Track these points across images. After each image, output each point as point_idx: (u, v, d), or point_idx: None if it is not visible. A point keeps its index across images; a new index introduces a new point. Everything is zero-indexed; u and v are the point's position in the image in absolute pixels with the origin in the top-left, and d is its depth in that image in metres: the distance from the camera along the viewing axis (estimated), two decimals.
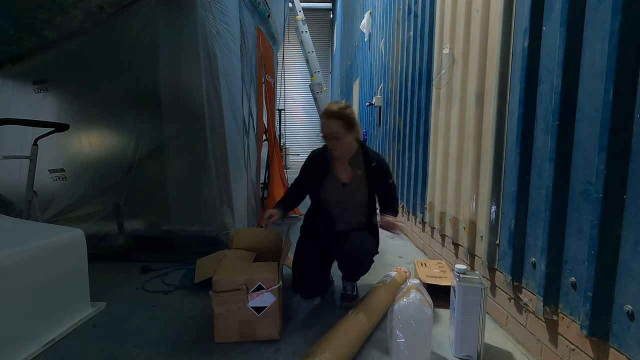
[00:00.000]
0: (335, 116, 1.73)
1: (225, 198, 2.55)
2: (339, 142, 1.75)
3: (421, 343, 1.29)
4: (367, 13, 5.27)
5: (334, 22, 12.27)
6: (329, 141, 1.77)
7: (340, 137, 1.73)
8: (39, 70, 2.69)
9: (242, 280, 1.46)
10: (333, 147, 1.77)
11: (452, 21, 2.25)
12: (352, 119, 1.76)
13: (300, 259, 1.80)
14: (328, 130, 1.74)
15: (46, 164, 2.63)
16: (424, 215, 2.74)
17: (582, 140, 1.18)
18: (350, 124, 1.75)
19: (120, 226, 2.61)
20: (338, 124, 1.72)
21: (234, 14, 2.64)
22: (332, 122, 1.73)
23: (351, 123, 1.75)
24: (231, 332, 1.48)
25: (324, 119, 1.77)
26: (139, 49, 2.48)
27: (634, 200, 1.00)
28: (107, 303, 1.82)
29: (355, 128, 1.78)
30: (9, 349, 1.34)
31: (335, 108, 1.76)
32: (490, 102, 1.74)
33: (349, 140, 1.77)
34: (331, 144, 1.77)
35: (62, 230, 1.71)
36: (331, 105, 1.79)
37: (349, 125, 1.74)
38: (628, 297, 1.01)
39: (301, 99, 12.70)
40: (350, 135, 1.76)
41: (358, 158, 1.86)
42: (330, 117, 1.74)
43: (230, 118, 2.62)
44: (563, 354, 1.25)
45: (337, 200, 1.87)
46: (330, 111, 1.75)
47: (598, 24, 1.12)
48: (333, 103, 1.83)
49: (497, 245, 1.66)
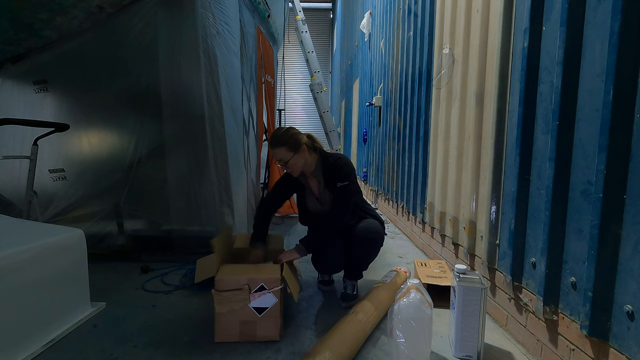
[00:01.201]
0: (276, 144, 1.75)
1: (225, 198, 2.55)
2: (290, 166, 1.77)
3: (421, 343, 1.29)
4: (367, 13, 5.27)
5: (334, 22, 12.28)
6: (282, 167, 1.81)
7: (288, 160, 1.75)
8: (39, 70, 2.69)
9: (245, 280, 1.46)
10: (288, 171, 1.81)
11: (452, 21, 2.25)
12: (294, 140, 1.75)
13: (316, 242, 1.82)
14: (276, 158, 1.78)
15: (46, 164, 2.63)
16: (424, 215, 2.74)
17: (582, 140, 1.18)
18: (294, 145, 1.74)
19: (120, 226, 2.61)
20: (282, 151, 1.74)
21: (234, 14, 2.64)
22: (276, 150, 1.76)
23: (295, 144, 1.75)
24: (232, 332, 1.48)
25: (270, 147, 1.80)
26: (139, 49, 2.48)
27: (634, 200, 1.00)
28: (107, 303, 1.82)
29: (301, 147, 1.76)
30: (9, 349, 1.34)
31: (276, 135, 1.78)
32: (490, 102, 1.74)
33: (299, 161, 1.77)
34: (285, 168, 1.81)
35: (62, 230, 1.70)
36: (274, 133, 1.81)
37: (293, 147, 1.74)
38: (628, 297, 1.01)
39: (301, 99, 12.70)
40: (298, 155, 1.76)
41: (318, 170, 1.87)
42: (274, 146, 1.76)
43: (230, 118, 2.62)
44: (563, 354, 1.25)
45: (319, 213, 1.92)
46: (272, 140, 1.78)
47: (598, 24, 1.12)
48: (276, 130, 1.85)
49: (497, 245, 1.67)
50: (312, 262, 1.94)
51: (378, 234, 1.85)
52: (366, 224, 1.83)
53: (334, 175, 1.79)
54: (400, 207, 3.48)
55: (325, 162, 1.84)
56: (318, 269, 2.00)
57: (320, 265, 1.95)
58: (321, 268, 1.98)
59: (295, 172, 1.81)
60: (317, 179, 1.89)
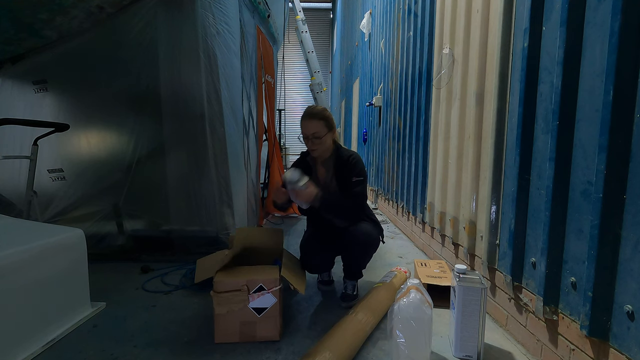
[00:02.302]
0: (317, 117, 1.79)
1: (225, 198, 2.55)
2: (320, 142, 1.79)
3: (421, 343, 1.29)
4: (367, 13, 5.27)
5: (334, 22, 12.28)
6: (310, 141, 1.80)
7: (322, 136, 1.78)
8: (39, 70, 2.69)
9: (244, 281, 1.46)
10: (313, 147, 1.81)
11: (452, 21, 2.25)
12: (332, 119, 1.84)
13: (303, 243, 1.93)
14: (310, 131, 1.78)
15: (45, 164, 2.63)
16: (424, 215, 2.74)
17: (582, 140, 1.18)
18: (331, 124, 1.82)
19: (120, 226, 2.61)
20: (319, 124, 1.78)
21: (234, 14, 2.64)
22: (314, 122, 1.78)
23: (331, 124, 1.83)
24: (231, 332, 1.48)
25: (305, 120, 1.81)
26: (139, 49, 2.48)
27: (634, 200, 1.00)
28: (107, 303, 1.82)
29: (334, 129, 1.85)
30: (9, 349, 1.34)
31: (314, 110, 1.83)
32: (490, 102, 1.74)
33: (328, 141, 1.83)
34: (312, 144, 1.80)
35: (62, 230, 1.70)
36: (312, 108, 1.85)
37: (329, 125, 1.81)
38: (628, 297, 1.01)
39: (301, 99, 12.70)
40: (329, 135, 1.82)
41: (331, 159, 1.90)
42: (313, 117, 1.79)
43: (230, 118, 2.62)
44: (563, 354, 1.25)
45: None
46: (312, 112, 1.81)
47: (598, 24, 1.12)
48: (311, 106, 1.89)
49: (497, 245, 1.67)
50: (300, 261, 1.92)
51: (371, 237, 1.84)
52: (361, 227, 1.82)
53: (348, 170, 1.82)
54: (400, 207, 3.48)
55: (338, 154, 1.87)
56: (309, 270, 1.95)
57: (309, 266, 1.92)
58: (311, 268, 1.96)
59: (318, 152, 1.83)
60: (325, 167, 1.91)
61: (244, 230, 2.04)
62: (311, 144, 1.80)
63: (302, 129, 1.81)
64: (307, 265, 1.89)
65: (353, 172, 1.80)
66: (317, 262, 1.94)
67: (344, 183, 1.82)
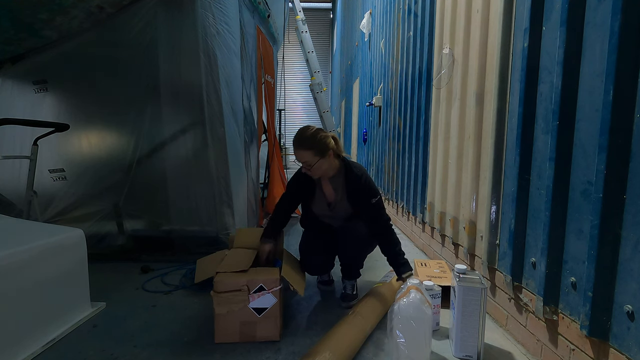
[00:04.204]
0: (304, 146, 1.66)
1: (225, 198, 2.55)
2: (314, 170, 1.71)
3: (421, 343, 1.29)
4: (367, 13, 5.27)
5: (334, 22, 12.28)
6: (304, 169, 1.74)
7: (313, 164, 1.68)
8: (39, 70, 2.69)
9: (244, 281, 1.47)
10: (309, 173, 1.74)
11: (452, 21, 2.25)
12: (323, 144, 1.68)
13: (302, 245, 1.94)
14: (300, 160, 1.69)
15: (46, 164, 2.63)
16: (424, 215, 2.74)
17: (582, 140, 1.18)
18: (322, 149, 1.67)
19: (120, 226, 2.61)
20: (308, 154, 1.66)
21: (234, 14, 2.64)
22: (301, 152, 1.67)
23: (323, 148, 1.67)
24: (232, 332, 1.48)
25: (295, 148, 1.70)
26: (139, 49, 2.47)
27: (634, 200, 1.00)
28: (107, 303, 1.82)
29: (328, 152, 1.69)
30: (9, 349, 1.34)
31: (304, 136, 1.68)
32: (490, 102, 1.74)
33: (323, 165, 1.72)
34: (306, 170, 1.73)
35: (62, 230, 1.70)
36: (301, 133, 1.71)
37: (320, 151, 1.67)
38: (628, 297, 1.01)
39: (301, 99, 12.72)
40: (324, 159, 1.70)
41: (339, 177, 1.82)
42: (300, 146, 1.67)
43: (230, 118, 2.61)
44: (563, 354, 1.25)
45: (325, 215, 1.92)
46: (300, 139, 1.68)
47: (598, 24, 1.12)
48: (303, 129, 1.73)
49: (497, 245, 1.66)
50: (300, 263, 1.90)
51: (365, 234, 1.82)
52: (356, 224, 1.83)
53: (364, 193, 1.77)
54: (400, 207, 3.48)
55: (348, 173, 1.79)
56: (309, 272, 1.94)
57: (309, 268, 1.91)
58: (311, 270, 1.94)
59: (316, 175, 1.76)
60: (334, 185, 1.84)
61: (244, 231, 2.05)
62: (306, 170, 1.74)
63: (294, 154, 1.72)
64: (306, 267, 1.89)
65: (369, 194, 1.77)
66: (317, 263, 1.94)
67: (357, 204, 1.81)
